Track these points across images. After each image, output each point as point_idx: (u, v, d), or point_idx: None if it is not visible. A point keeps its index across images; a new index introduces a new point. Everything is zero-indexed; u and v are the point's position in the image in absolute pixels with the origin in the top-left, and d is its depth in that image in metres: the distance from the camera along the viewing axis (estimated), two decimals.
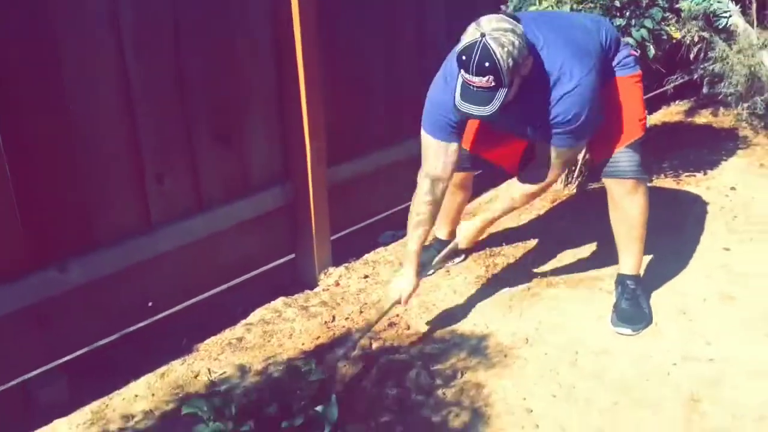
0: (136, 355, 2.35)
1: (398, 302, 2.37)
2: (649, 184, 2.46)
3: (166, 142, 2.32)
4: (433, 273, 2.77)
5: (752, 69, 3.92)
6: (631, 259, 2.45)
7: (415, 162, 2.36)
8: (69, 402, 2.17)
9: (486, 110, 1.99)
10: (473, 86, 1.97)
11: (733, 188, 3.41)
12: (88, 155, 2.14)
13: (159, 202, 2.35)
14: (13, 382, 2.09)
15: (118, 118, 2.18)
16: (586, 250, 2.93)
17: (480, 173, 2.77)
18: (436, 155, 2.26)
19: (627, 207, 2.36)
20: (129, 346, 2.38)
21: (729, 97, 4.11)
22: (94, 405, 2.17)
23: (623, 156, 2.32)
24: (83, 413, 2.14)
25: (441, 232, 2.81)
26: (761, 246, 2.88)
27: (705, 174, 3.60)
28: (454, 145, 2.25)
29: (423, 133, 2.27)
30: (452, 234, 2.76)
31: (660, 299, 2.53)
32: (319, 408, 1.43)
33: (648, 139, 2.46)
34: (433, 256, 2.65)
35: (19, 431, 2.06)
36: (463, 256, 2.86)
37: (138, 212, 2.31)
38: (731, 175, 3.58)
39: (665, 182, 3.50)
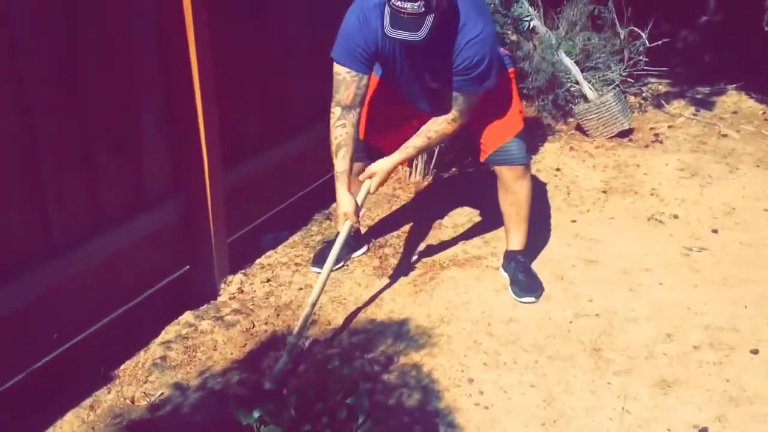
0: (49, 391, 2.15)
1: (352, 224, 2.47)
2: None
3: (64, 153, 2.14)
4: (342, 266, 2.87)
5: (554, 65, 4.53)
6: (520, 236, 2.77)
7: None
8: None
9: (417, 35, 2.15)
10: (404, 14, 2.13)
11: (558, 169, 3.94)
12: None
13: (61, 223, 2.17)
14: None
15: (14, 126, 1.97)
16: (460, 232, 3.21)
17: None
18: (347, 86, 2.40)
19: (517, 190, 2.67)
20: (38, 384, 2.17)
21: (531, 91, 4.69)
22: None
23: (513, 145, 2.61)
24: None
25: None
26: (597, 215, 3.39)
27: (531, 158, 4.09)
28: (365, 79, 2.41)
29: (335, 64, 2.41)
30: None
31: (538, 268, 2.88)
32: (349, 400, 1.49)
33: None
34: (340, 251, 2.75)
35: None
36: (364, 249, 2.99)
37: (42, 235, 2.11)
38: (551, 158, 4.12)
39: None
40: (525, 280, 2.71)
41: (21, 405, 2.08)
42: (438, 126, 2.48)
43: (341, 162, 2.46)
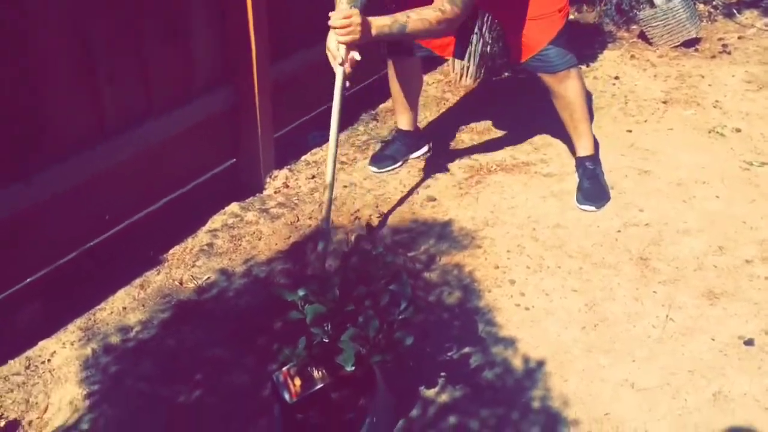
0: (103, 269, 2.23)
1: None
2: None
3: (116, 36, 2.12)
4: (401, 166, 2.85)
5: None
6: (583, 139, 2.69)
7: None
8: (47, 322, 2.03)
9: None
10: None
11: (617, 77, 3.77)
12: (38, 58, 1.92)
13: (112, 107, 2.18)
14: None
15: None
16: (509, 137, 3.13)
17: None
18: None
19: (563, 93, 2.56)
20: (92, 262, 2.24)
21: None
22: (79, 322, 2.06)
23: (551, 52, 2.47)
24: (70, 331, 2.03)
25: (402, 122, 2.88)
26: (654, 126, 3.26)
27: (588, 66, 3.92)
28: None
29: None
30: (413, 123, 2.85)
31: None
32: (393, 286, 1.50)
33: None
34: (398, 150, 2.72)
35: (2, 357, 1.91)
36: (425, 149, 2.95)
37: (94, 118, 2.13)
38: (610, 66, 3.94)
39: None
40: (589, 188, 2.63)
41: (75, 281, 2.16)
42: (424, 11, 2.07)
43: None
